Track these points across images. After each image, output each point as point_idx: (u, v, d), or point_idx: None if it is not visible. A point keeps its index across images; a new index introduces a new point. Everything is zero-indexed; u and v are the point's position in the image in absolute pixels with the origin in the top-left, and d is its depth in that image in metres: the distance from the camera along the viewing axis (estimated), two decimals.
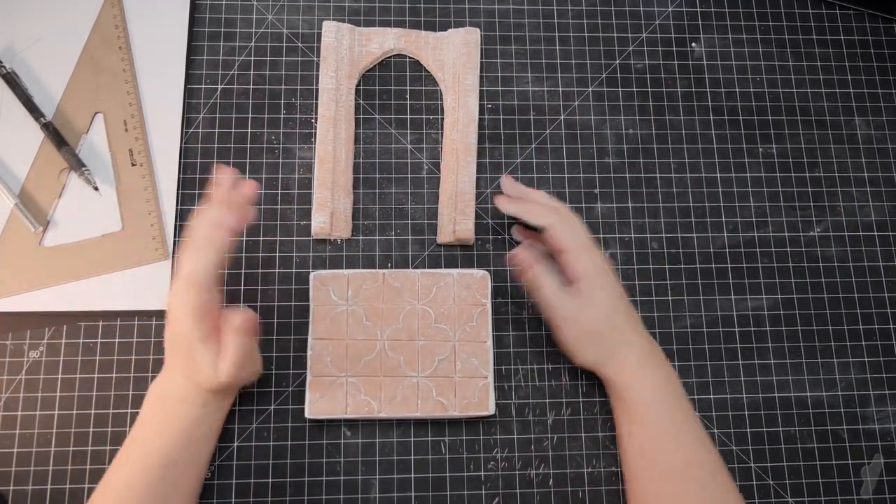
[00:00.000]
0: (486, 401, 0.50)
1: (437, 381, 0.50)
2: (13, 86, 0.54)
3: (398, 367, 0.50)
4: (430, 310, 0.51)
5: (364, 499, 0.49)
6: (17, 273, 0.51)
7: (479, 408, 0.49)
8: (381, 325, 0.50)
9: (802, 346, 0.54)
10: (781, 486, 0.51)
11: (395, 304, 0.51)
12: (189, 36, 0.57)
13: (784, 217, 0.57)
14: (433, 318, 0.51)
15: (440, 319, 0.51)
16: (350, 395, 0.49)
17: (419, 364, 0.50)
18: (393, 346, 0.50)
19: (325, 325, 0.50)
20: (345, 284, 0.51)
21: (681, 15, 0.61)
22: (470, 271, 0.52)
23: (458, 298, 0.51)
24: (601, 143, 0.57)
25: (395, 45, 0.58)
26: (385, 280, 0.51)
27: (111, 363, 0.51)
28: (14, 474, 0.49)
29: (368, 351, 0.50)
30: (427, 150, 0.56)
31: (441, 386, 0.50)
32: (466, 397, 0.49)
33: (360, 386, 0.49)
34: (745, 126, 0.58)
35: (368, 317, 0.50)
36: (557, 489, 0.50)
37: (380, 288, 0.51)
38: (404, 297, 0.51)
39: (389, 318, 0.51)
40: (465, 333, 0.50)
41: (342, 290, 0.51)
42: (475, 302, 0.51)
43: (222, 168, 0.47)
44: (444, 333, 0.50)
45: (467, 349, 0.50)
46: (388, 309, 0.51)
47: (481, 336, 0.50)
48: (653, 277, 0.55)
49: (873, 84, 0.60)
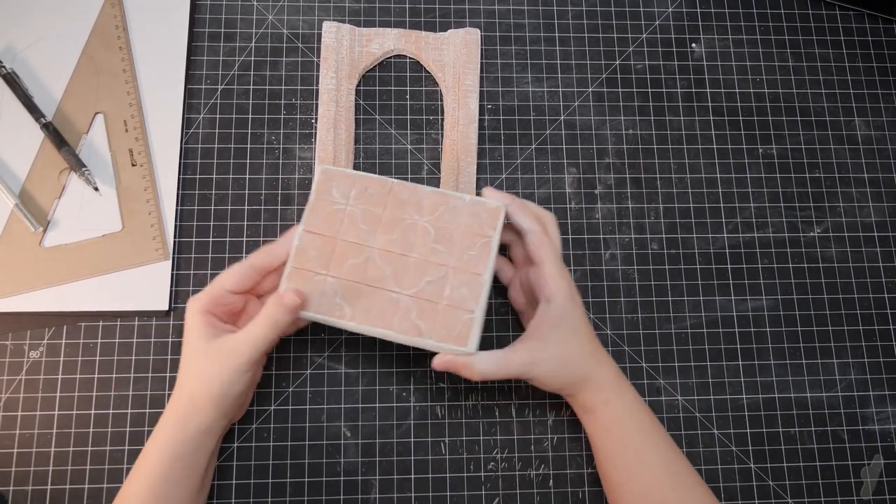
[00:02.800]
0: (466, 336, 0.44)
1: (419, 304, 0.45)
2: (13, 86, 0.54)
3: (383, 278, 0.46)
4: (432, 228, 0.47)
5: (364, 499, 0.49)
6: (17, 273, 0.51)
7: (457, 341, 0.44)
8: (376, 233, 0.46)
9: (802, 346, 0.54)
10: (781, 487, 0.51)
11: (396, 215, 0.47)
12: (189, 36, 0.58)
13: (784, 217, 0.57)
14: (432, 237, 0.46)
15: (440, 240, 0.46)
16: (325, 295, 0.45)
17: (405, 280, 0.46)
18: (383, 256, 0.46)
19: (319, 219, 0.47)
20: (350, 184, 0.47)
21: (681, 15, 0.61)
22: (484, 200, 0.47)
23: (465, 224, 0.47)
24: (601, 143, 0.57)
25: (395, 45, 0.58)
26: (392, 189, 0.47)
27: (111, 363, 0.51)
28: (14, 474, 0.49)
29: (356, 255, 0.46)
30: (427, 151, 0.56)
31: (423, 309, 0.45)
32: (447, 327, 0.45)
33: (337, 289, 0.46)
34: (745, 126, 0.58)
35: (365, 221, 0.47)
36: (557, 489, 0.50)
37: (385, 195, 0.47)
38: (408, 210, 0.47)
39: (387, 227, 0.47)
40: (461, 261, 0.46)
41: (346, 189, 0.47)
42: (481, 232, 0.46)
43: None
44: (439, 255, 0.46)
45: (460, 278, 0.46)
46: (387, 218, 0.47)
47: (478, 268, 0.46)
48: (653, 277, 0.55)
49: (873, 84, 0.60)
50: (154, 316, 0.52)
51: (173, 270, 0.53)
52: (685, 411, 0.52)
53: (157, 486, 0.42)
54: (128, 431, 0.50)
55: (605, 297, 0.54)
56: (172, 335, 0.51)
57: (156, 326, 0.52)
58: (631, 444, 0.46)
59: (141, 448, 0.50)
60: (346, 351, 0.52)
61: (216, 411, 0.44)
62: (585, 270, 0.55)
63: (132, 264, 0.52)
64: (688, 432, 0.52)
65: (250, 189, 0.55)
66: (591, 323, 0.53)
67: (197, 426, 0.43)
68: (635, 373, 0.53)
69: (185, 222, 0.54)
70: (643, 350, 0.53)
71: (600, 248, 0.55)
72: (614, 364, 0.48)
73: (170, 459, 0.43)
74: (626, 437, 0.46)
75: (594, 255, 0.55)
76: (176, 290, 0.52)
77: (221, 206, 0.54)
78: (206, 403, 0.43)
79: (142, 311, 0.52)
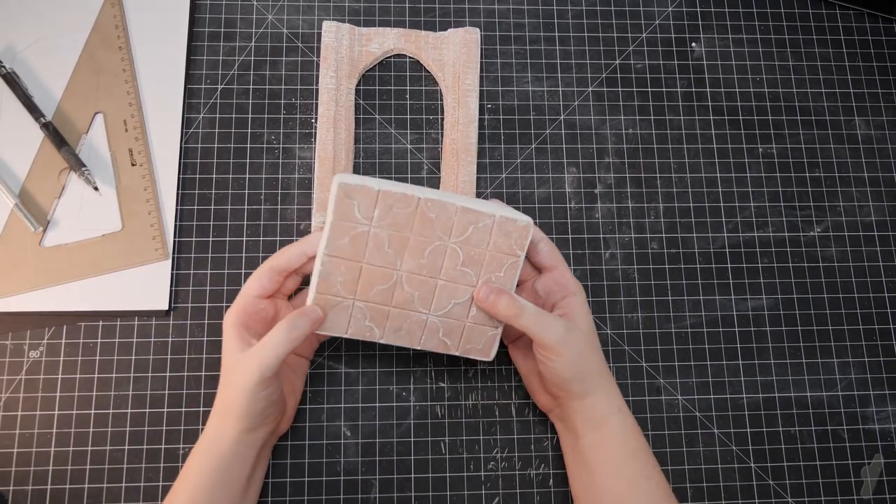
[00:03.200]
0: (489, 349, 0.47)
1: (446, 323, 0.46)
2: (13, 86, 0.54)
3: (410, 301, 0.46)
4: (460, 251, 0.45)
5: (364, 498, 0.49)
6: (17, 273, 0.51)
7: (480, 353, 0.47)
8: (403, 255, 0.45)
9: (802, 346, 0.54)
10: (781, 486, 0.51)
11: (424, 237, 0.45)
12: (189, 36, 0.58)
13: (784, 217, 0.57)
14: (461, 261, 0.45)
15: (468, 263, 0.45)
16: (354, 318, 0.45)
17: (433, 303, 0.46)
18: (410, 281, 0.45)
19: (343, 244, 0.44)
20: (372, 202, 0.44)
21: (681, 15, 0.61)
22: (514, 216, 0.45)
23: (494, 244, 0.45)
24: (601, 143, 0.57)
25: (395, 45, 0.58)
26: (419, 207, 0.44)
27: (111, 363, 0.51)
28: (14, 474, 0.49)
29: (384, 280, 0.45)
30: (427, 150, 0.56)
31: (449, 327, 0.46)
32: (471, 342, 0.47)
33: (366, 312, 0.45)
34: (745, 126, 0.58)
35: (391, 244, 0.45)
36: (557, 489, 0.50)
37: (411, 214, 0.44)
38: (436, 232, 0.45)
39: (414, 251, 0.45)
40: (489, 283, 0.46)
41: (368, 208, 0.44)
42: (510, 251, 0.46)
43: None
44: (467, 278, 0.46)
45: None
46: (415, 240, 0.45)
47: (506, 288, 0.46)
48: (653, 277, 0.55)
49: (873, 84, 0.60)
50: (154, 316, 0.52)
51: (173, 270, 0.53)
52: (685, 411, 0.52)
53: (196, 495, 0.43)
54: (128, 431, 0.50)
55: (605, 297, 0.54)
56: (172, 335, 0.51)
57: (156, 326, 0.52)
58: (645, 452, 0.46)
59: (141, 448, 0.50)
60: (345, 351, 0.52)
61: (246, 424, 0.44)
62: (585, 270, 0.55)
63: (132, 264, 0.52)
64: (688, 432, 0.52)
65: (250, 189, 0.55)
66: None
67: (231, 439, 0.44)
68: (635, 372, 0.53)
69: (184, 222, 0.54)
70: (643, 350, 0.53)
71: (600, 248, 0.55)
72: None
73: (208, 471, 0.43)
74: (641, 447, 0.46)
75: (594, 254, 0.55)
76: (176, 289, 0.52)
77: (221, 206, 0.54)
78: (235, 417, 0.44)
79: (142, 311, 0.52)
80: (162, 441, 0.50)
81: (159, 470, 0.49)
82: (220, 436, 0.44)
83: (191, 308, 0.52)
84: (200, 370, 0.51)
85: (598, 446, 0.46)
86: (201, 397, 0.50)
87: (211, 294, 0.52)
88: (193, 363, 0.51)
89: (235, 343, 0.44)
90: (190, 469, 0.44)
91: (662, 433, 0.52)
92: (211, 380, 0.51)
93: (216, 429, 0.44)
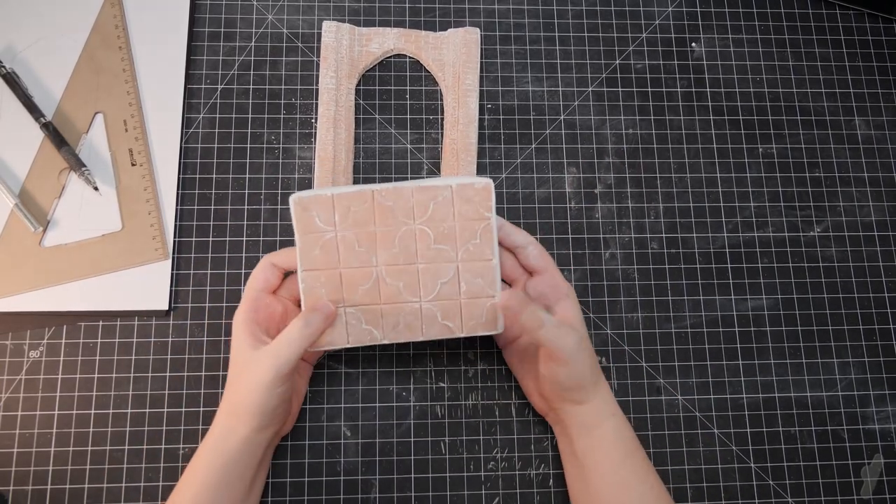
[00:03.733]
0: (494, 320, 0.46)
1: (441, 305, 0.46)
2: (13, 86, 0.54)
3: (398, 293, 0.46)
4: (429, 229, 0.45)
5: (364, 498, 0.49)
6: (17, 273, 0.51)
7: (487, 327, 0.46)
8: (375, 250, 0.45)
9: (802, 346, 0.54)
10: (781, 486, 0.51)
11: (389, 226, 0.45)
12: (189, 36, 0.58)
13: (784, 217, 0.57)
14: (432, 239, 0.45)
15: (440, 240, 0.45)
16: (350, 325, 0.46)
17: (420, 289, 0.46)
18: (390, 272, 0.45)
19: (315, 256, 0.45)
20: (330, 208, 0.45)
21: (681, 15, 0.61)
22: (470, 180, 0.45)
23: (459, 214, 0.45)
24: (601, 143, 0.57)
25: (395, 45, 0.58)
26: (375, 199, 0.45)
27: (111, 363, 0.51)
28: (14, 474, 0.49)
29: (365, 279, 0.45)
30: (427, 150, 0.56)
31: (446, 309, 0.46)
32: (473, 318, 0.46)
33: (359, 316, 0.46)
34: (745, 126, 0.58)
35: (361, 242, 0.45)
36: (557, 489, 0.50)
37: (370, 209, 0.45)
38: (398, 217, 0.45)
39: (384, 242, 0.45)
40: (468, 253, 0.46)
41: (328, 215, 0.45)
42: (477, 216, 0.45)
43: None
44: (445, 254, 0.46)
45: (472, 269, 0.46)
46: (381, 232, 0.45)
47: (486, 254, 0.46)
48: (653, 277, 0.55)
49: (873, 84, 0.60)
50: (154, 316, 0.52)
51: (173, 270, 0.53)
52: (685, 411, 0.52)
53: (201, 494, 0.43)
54: (128, 431, 0.50)
55: (605, 297, 0.54)
56: (172, 335, 0.51)
57: (156, 326, 0.52)
58: (639, 455, 0.46)
59: (140, 447, 0.50)
60: (345, 351, 0.52)
61: (257, 422, 0.44)
62: (585, 270, 0.55)
63: (132, 264, 0.52)
64: (688, 432, 0.52)
65: (250, 189, 0.55)
66: (591, 322, 0.54)
67: (240, 437, 0.44)
68: (635, 372, 0.53)
69: (184, 222, 0.54)
70: (643, 350, 0.53)
71: (600, 248, 0.55)
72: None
73: (214, 469, 0.43)
74: (635, 450, 0.46)
75: (594, 254, 0.55)
76: (176, 289, 0.52)
77: (221, 206, 0.54)
78: (246, 415, 0.43)
79: (142, 311, 0.52)
80: (162, 441, 0.50)
81: (159, 470, 0.49)
82: (228, 434, 0.44)
83: (191, 308, 0.52)
84: (200, 370, 0.51)
85: (592, 450, 0.46)
86: (201, 397, 0.50)
87: (211, 294, 0.52)
88: (193, 363, 0.51)
89: (247, 340, 0.44)
90: (196, 467, 0.44)
91: (662, 433, 0.52)
92: (211, 380, 0.51)
93: (224, 427, 0.44)
